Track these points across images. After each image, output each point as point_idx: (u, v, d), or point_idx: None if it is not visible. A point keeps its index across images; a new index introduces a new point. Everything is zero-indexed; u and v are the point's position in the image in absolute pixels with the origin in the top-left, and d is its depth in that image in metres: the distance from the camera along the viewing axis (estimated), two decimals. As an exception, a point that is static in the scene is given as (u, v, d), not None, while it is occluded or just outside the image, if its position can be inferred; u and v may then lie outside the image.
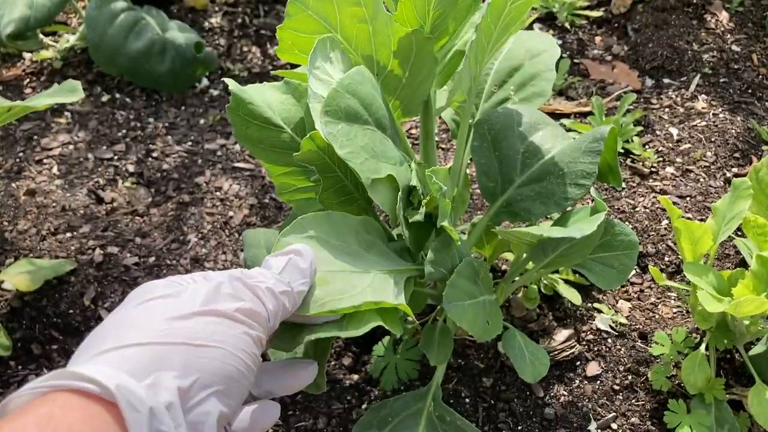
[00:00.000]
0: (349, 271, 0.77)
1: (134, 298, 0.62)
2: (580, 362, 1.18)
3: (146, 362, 0.55)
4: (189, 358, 0.56)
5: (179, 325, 0.58)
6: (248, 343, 0.61)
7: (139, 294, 0.63)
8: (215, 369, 0.58)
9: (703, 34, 1.88)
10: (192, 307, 0.60)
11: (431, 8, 0.98)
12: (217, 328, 0.59)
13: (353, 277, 0.77)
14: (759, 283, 0.99)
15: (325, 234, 0.80)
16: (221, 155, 1.63)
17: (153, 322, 0.58)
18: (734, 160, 1.54)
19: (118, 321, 0.59)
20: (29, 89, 1.80)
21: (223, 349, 0.59)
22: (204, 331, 0.58)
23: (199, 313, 0.59)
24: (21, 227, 1.43)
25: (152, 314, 0.59)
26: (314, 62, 0.88)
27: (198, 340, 0.58)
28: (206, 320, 0.59)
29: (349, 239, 0.83)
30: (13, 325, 1.26)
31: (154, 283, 0.64)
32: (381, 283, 0.80)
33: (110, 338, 0.57)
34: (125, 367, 0.54)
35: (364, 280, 0.78)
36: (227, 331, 0.60)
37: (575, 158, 1.01)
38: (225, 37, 1.95)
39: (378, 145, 0.87)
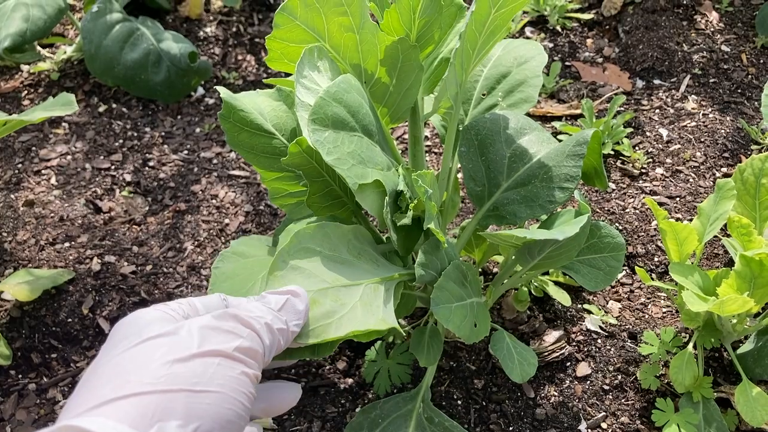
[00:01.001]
0: (339, 286, 0.79)
1: (129, 335, 0.61)
2: (570, 363, 1.19)
3: (149, 412, 0.54)
4: (190, 406, 0.56)
5: (179, 370, 0.57)
6: (246, 383, 0.61)
7: (131, 331, 0.62)
8: (215, 415, 0.57)
9: (693, 35, 1.90)
10: (190, 347, 0.59)
11: (417, 17, 1.00)
12: (216, 371, 0.59)
13: (342, 293, 0.79)
14: (743, 282, 1.00)
15: (319, 245, 0.82)
16: (217, 163, 1.65)
17: (152, 366, 0.57)
18: (724, 160, 1.55)
19: (116, 365, 0.58)
20: (27, 101, 1.83)
21: (223, 393, 0.58)
22: (204, 374, 0.58)
23: (199, 355, 0.59)
24: (20, 238, 1.46)
25: (150, 357, 0.58)
26: (301, 71, 0.90)
27: (199, 386, 0.57)
28: (206, 362, 0.59)
29: (341, 248, 0.85)
30: (12, 334, 1.28)
31: (144, 317, 0.64)
32: (371, 296, 0.82)
33: (109, 385, 0.56)
34: (128, 420, 0.53)
35: (354, 295, 0.80)
36: (226, 373, 0.59)
37: (559, 162, 1.03)
38: (220, 46, 1.97)
39: (365, 151, 0.89)
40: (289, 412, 1.15)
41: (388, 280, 0.86)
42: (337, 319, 0.75)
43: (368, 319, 0.77)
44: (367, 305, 0.80)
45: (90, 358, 1.25)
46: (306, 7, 0.93)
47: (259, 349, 0.64)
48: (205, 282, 1.38)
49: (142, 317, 0.64)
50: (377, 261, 0.90)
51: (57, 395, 1.20)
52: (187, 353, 0.58)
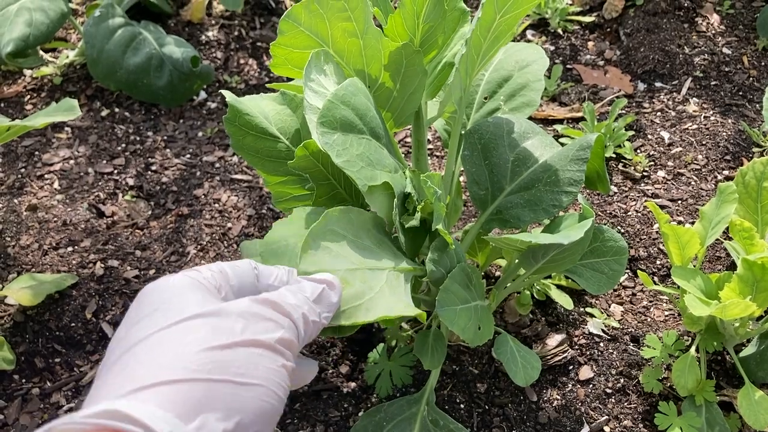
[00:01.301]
0: (366, 269, 0.80)
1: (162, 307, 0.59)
2: (573, 366, 1.20)
3: (193, 402, 0.53)
4: (233, 398, 0.55)
5: (223, 357, 0.56)
6: (284, 375, 0.60)
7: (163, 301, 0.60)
8: (256, 409, 0.56)
9: (694, 38, 1.90)
10: (234, 334, 0.58)
11: (420, 22, 1.00)
12: (259, 361, 0.58)
13: (369, 276, 0.79)
14: (745, 286, 1.01)
15: (343, 229, 0.82)
16: (219, 167, 1.65)
17: (195, 350, 0.55)
18: (725, 163, 1.56)
19: (155, 345, 0.56)
20: (30, 105, 1.83)
21: (265, 387, 0.58)
22: (247, 365, 0.57)
23: (242, 344, 0.58)
24: (23, 242, 1.46)
25: (193, 339, 0.56)
26: (309, 75, 0.91)
27: (242, 377, 0.56)
28: (249, 352, 0.58)
29: (362, 235, 0.85)
30: (16, 339, 1.28)
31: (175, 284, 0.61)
32: (394, 282, 0.83)
33: (149, 366, 0.54)
34: (173, 408, 0.51)
35: (380, 279, 0.80)
36: (268, 365, 0.59)
37: (563, 166, 1.03)
38: (222, 50, 1.98)
39: (373, 154, 0.89)
40: (291, 415, 1.15)
41: (406, 271, 0.87)
42: (367, 301, 0.76)
43: (396, 304, 0.78)
44: (393, 289, 0.81)
45: (94, 362, 1.26)
46: (310, 13, 0.93)
47: (296, 340, 0.63)
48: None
49: (173, 285, 0.62)
50: (395, 253, 0.90)
51: (61, 400, 1.21)
52: (230, 340, 0.57)
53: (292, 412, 1.16)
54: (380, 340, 1.23)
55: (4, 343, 1.23)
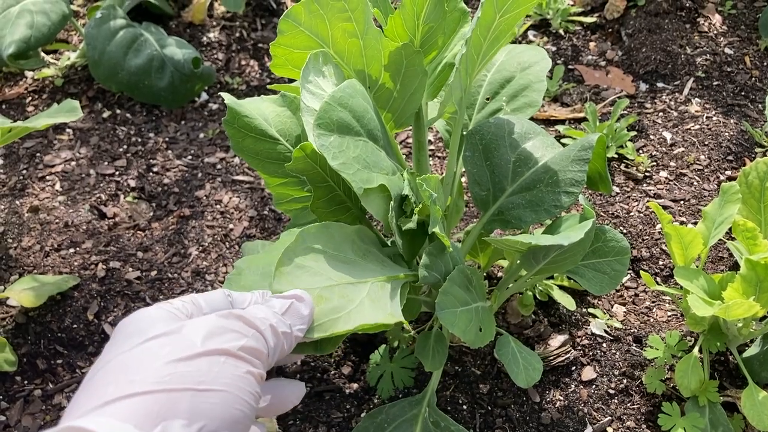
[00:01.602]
0: (346, 284, 0.79)
1: (132, 334, 0.61)
2: (576, 367, 1.19)
3: (153, 412, 0.54)
4: (195, 405, 0.56)
5: (184, 368, 0.57)
6: (251, 382, 0.61)
7: (134, 330, 0.61)
8: (221, 414, 0.57)
9: (696, 38, 1.90)
10: (194, 346, 0.59)
11: (420, 23, 1.00)
12: (221, 369, 0.59)
13: (349, 290, 0.79)
14: (748, 286, 1.00)
15: (323, 245, 0.82)
16: (221, 168, 1.65)
17: (156, 365, 0.57)
18: (728, 163, 1.55)
19: (119, 364, 0.57)
20: (31, 107, 1.83)
21: (229, 392, 0.58)
22: (209, 372, 0.58)
23: (203, 354, 0.58)
24: (25, 244, 1.46)
25: (154, 356, 0.58)
26: (307, 77, 0.91)
27: (203, 384, 0.57)
28: (210, 360, 0.58)
29: (345, 248, 0.85)
30: (18, 340, 1.28)
31: (148, 315, 0.63)
32: (378, 293, 0.82)
33: (113, 385, 0.55)
34: (133, 420, 0.53)
35: (361, 292, 0.80)
36: (231, 371, 0.59)
37: (564, 167, 1.03)
38: (223, 52, 1.98)
39: (370, 156, 0.89)
40: (294, 417, 1.15)
41: (394, 279, 0.86)
42: (346, 314, 0.75)
43: (377, 314, 0.78)
44: (375, 301, 0.80)
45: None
46: (310, 13, 0.93)
47: (263, 349, 0.64)
48: (209, 287, 1.38)
49: (146, 316, 0.63)
50: (383, 261, 0.90)
51: (63, 401, 1.21)
52: (191, 352, 0.58)
53: (294, 413, 1.16)
54: (382, 341, 1.23)
55: (6, 345, 1.23)
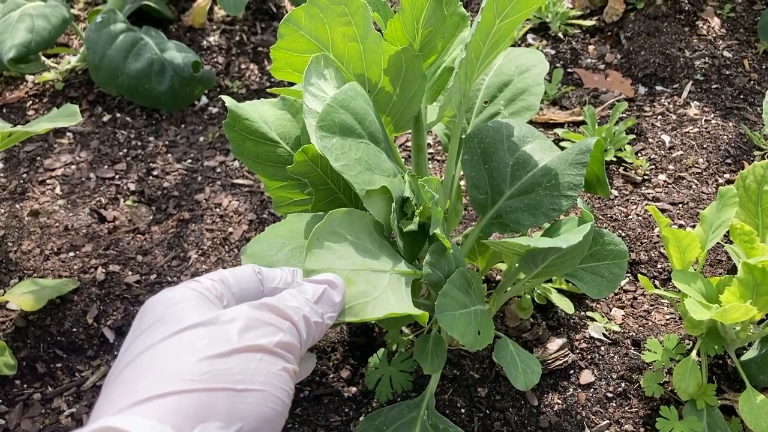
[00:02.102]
0: (369, 270, 0.80)
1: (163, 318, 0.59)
2: (574, 370, 1.19)
3: (190, 413, 0.53)
4: (232, 405, 0.55)
5: (221, 366, 0.56)
6: (286, 379, 0.60)
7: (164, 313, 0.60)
8: (257, 414, 0.56)
9: (695, 41, 1.91)
10: (231, 341, 0.58)
11: (420, 27, 1.00)
12: (258, 366, 0.58)
13: (373, 277, 0.80)
14: (746, 290, 1.00)
15: (346, 230, 0.82)
16: (221, 172, 1.65)
17: (192, 360, 0.55)
18: (726, 166, 1.56)
19: (153, 357, 0.56)
20: (32, 111, 1.84)
21: (266, 392, 0.57)
22: (246, 371, 0.57)
23: (240, 350, 0.57)
24: (25, 248, 1.46)
25: (190, 350, 0.56)
26: (309, 79, 0.91)
27: (241, 384, 0.56)
28: (248, 357, 0.58)
29: (364, 237, 0.85)
30: (17, 344, 1.29)
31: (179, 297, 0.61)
32: (396, 284, 0.83)
33: (147, 379, 0.54)
34: (171, 420, 0.52)
35: (383, 280, 0.81)
36: (268, 369, 0.58)
37: (562, 170, 1.03)
38: (223, 55, 1.98)
39: (372, 158, 0.89)
40: (292, 420, 1.15)
41: (406, 274, 0.87)
42: (372, 300, 0.76)
43: (400, 304, 0.79)
44: (395, 291, 0.81)
45: (95, 368, 1.26)
46: (310, 17, 0.94)
47: (297, 343, 0.63)
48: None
49: (175, 296, 0.62)
50: (395, 256, 0.90)
51: (62, 405, 1.21)
52: (228, 347, 0.57)
53: (293, 416, 1.16)
54: (381, 345, 1.23)
55: (6, 349, 1.23)
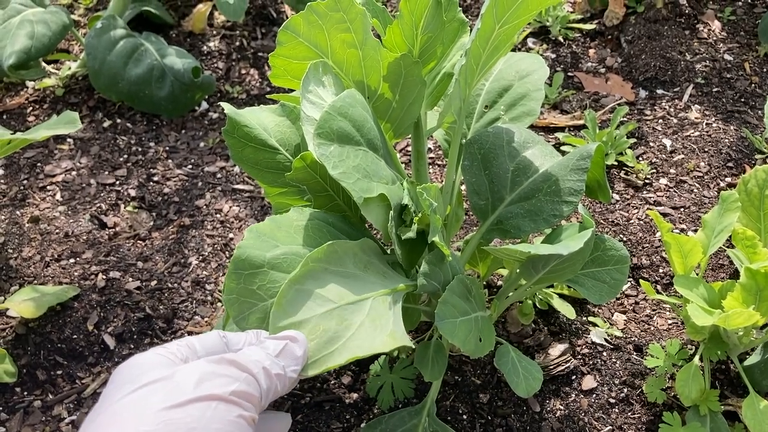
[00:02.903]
0: (346, 304, 0.79)
1: (126, 381, 0.62)
2: (576, 376, 1.19)
3: None
4: None
5: (176, 415, 0.57)
6: (243, 426, 0.61)
7: (128, 377, 0.62)
8: None
9: (695, 44, 1.90)
10: (186, 392, 0.59)
11: (419, 33, 1.00)
12: (213, 414, 0.59)
13: (348, 312, 0.78)
14: (748, 295, 1.00)
15: (325, 262, 0.81)
16: (221, 177, 1.65)
17: (148, 413, 0.57)
18: (727, 170, 1.55)
19: (113, 413, 0.59)
20: (32, 117, 1.84)
21: None
22: (201, 418, 0.58)
23: (195, 400, 0.59)
24: (25, 254, 1.46)
25: (147, 404, 0.58)
26: (307, 86, 0.91)
27: (196, 431, 0.57)
28: (203, 406, 0.59)
29: (347, 263, 0.85)
30: (18, 351, 1.28)
31: (142, 361, 0.65)
32: (379, 309, 0.81)
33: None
34: None
35: (362, 312, 0.79)
36: (223, 416, 0.60)
37: (563, 176, 1.03)
38: (223, 61, 1.98)
39: (370, 165, 0.89)
40: (294, 428, 1.15)
41: (395, 292, 0.86)
42: (341, 345, 0.75)
43: (375, 339, 0.77)
44: (375, 320, 0.79)
45: (95, 375, 1.26)
46: (309, 24, 0.94)
47: (255, 393, 0.64)
48: (209, 297, 1.38)
49: (141, 362, 0.64)
50: (384, 273, 0.90)
51: (62, 412, 1.20)
52: (183, 398, 0.59)
53: (294, 423, 1.15)
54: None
55: (6, 356, 1.23)
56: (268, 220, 0.88)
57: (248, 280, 0.81)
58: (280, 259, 0.84)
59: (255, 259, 0.82)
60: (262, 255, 0.83)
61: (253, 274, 0.82)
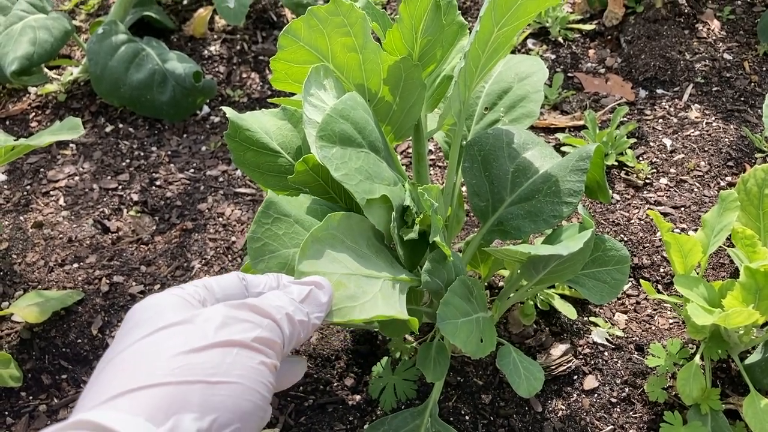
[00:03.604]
0: (361, 275, 0.80)
1: (143, 322, 0.60)
2: (578, 376, 1.19)
3: (164, 405, 0.53)
4: (207, 397, 0.55)
5: (195, 360, 0.56)
6: (265, 373, 0.60)
7: (145, 318, 0.60)
8: (233, 406, 0.56)
9: (695, 44, 1.91)
10: (207, 337, 0.58)
11: (419, 36, 1.01)
12: (235, 360, 0.58)
13: (364, 282, 0.80)
14: (748, 294, 1.00)
15: (343, 234, 0.82)
16: (223, 181, 1.66)
17: (167, 356, 0.56)
18: (728, 169, 1.56)
19: (130, 355, 0.57)
20: (35, 123, 1.85)
21: (242, 384, 0.57)
22: (221, 364, 0.57)
23: (216, 345, 0.57)
24: (29, 260, 1.47)
25: (165, 347, 0.57)
26: (309, 89, 0.92)
27: (216, 377, 0.56)
28: (223, 352, 0.57)
29: (361, 242, 0.85)
30: (23, 356, 1.29)
31: (159, 302, 0.62)
32: (388, 291, 0.83)
33: (123, 376, 0.55)
34: (144, 413, 0.52)
35: (375, 286, 0.81)
36: (245, 362, 0.58)
37: (563, 177, 1.04)
38: (224, 65, 1.99)
39: (372, 167, 0.90)
40: (297, 429, 1.15)
41: (401, 282, 0.87)
42: (361, 304, 0.76)
43: (389, 309, 0.78)
44: (386, 298, 0.81)
45: (100, 378, 1.26)
46: (310, 28, 0.94)
47: (278, 339, 0.63)
48: (212, 300, 1.38)
49: (157, 303, 0.62)
50: (392, 262, 0.90)
51: (68, 416, 1.21)
52: (203, 343, 0.57)
53: (297, 425, 1.16)
54: (384, 353, 1.23)
55: (11, 361, 1.24)
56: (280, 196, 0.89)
57: (275, 224, 0.83)
58: (303, 217, 0.86)
59: (283, 207, 0.84)
60: (288, 208, 0.86)
61: (279, 219, 0.84)
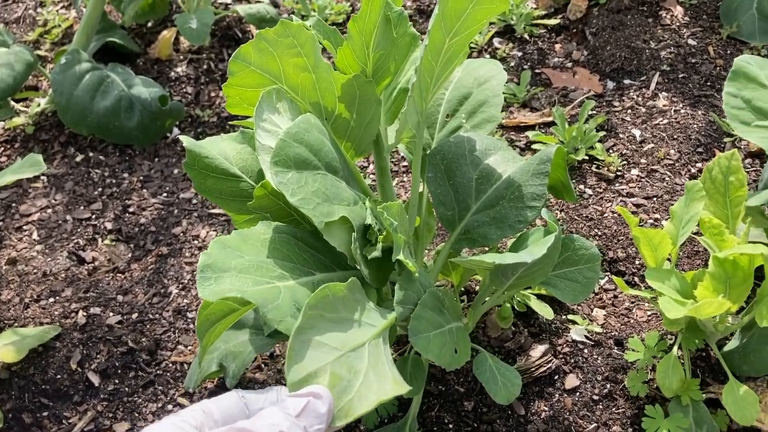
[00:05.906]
0: (348, 351, 0.77)
1: None
2: (559, 376, 1.19)
3: None
4: None
5: None
6: None
7: None
8: None
9: (659, 32, 1.91)
10: None
11: (371, 51, 1.01)
12: None
13: (353, 359, 0.76)
14: (718, 283, 1.01)
15: (321, 309, 0.79)
16: (196, 203, 1.65)
17: None
18: (698, 155, 1.56)
19: None
20: (4, 158, 1.83)
21: None
22: None
23: None
24: (4, 297, 1.46)
25: None
26: (261, 115, 0.91)
27: None
28: None
29: (339, 308, 0.82)
30: (2, 396, 1.28)
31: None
32: (374, 354, 0.80)
33: None
34: None
35: (363, 359, 0.77)
36: None
37: (525, 181, 1.04)
38: (192, 85, 1.98)
39: (330, 188, 0.89)
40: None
41: (384, 330, 0.85)
42: (357, 393, 0.73)
43: (384, 385, 0.76)
44: (375, 368, 0.78)
45: (82, 413, 1.25)
46: (259, 51, 0.94)
47: None
48: (191, 325, 1.38)
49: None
50: (370, 311, 0.87)
51: (51, 454, 1.20)
52: None
53: (281, 447, 1.16)
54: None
55: (-10, 403, 1.23)
56: (234, 233, 0.87)
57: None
58: (246, 265, 0.82)
59: (221, 264, 0.80)
60: (228, 261, 0.81)
61: (220, 278, 0.79)
